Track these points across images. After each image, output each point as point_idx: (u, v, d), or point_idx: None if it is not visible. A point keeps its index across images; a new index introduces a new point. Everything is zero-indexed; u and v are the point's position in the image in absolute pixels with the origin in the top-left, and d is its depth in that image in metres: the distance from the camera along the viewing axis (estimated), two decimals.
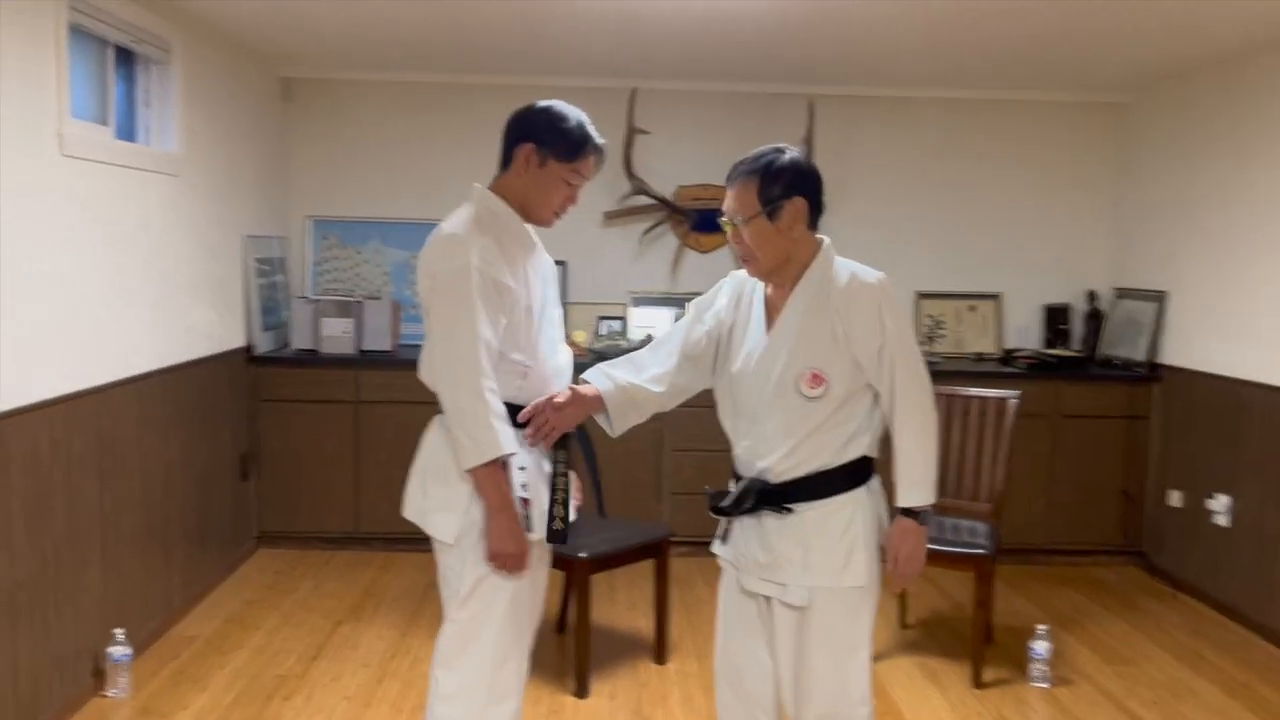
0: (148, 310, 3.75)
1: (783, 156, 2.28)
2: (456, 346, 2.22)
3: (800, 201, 2.26)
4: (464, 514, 2.34)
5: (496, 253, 2.30)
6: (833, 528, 2.32)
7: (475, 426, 2.23)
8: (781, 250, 2.28)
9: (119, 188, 3.54)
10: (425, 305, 2.29)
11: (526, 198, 2.38)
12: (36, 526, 3.03)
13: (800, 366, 2.26)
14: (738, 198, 2.26)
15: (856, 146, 5.45)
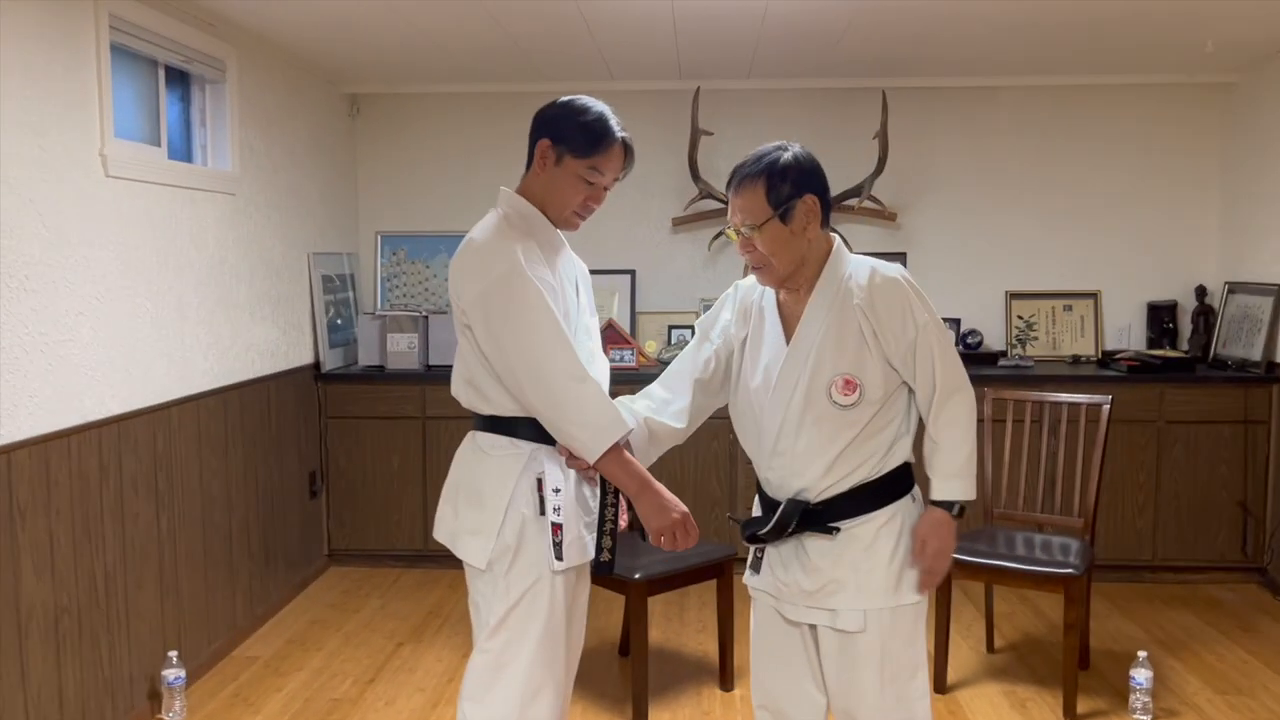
0: (204, 329, 3.74)
1: (785, 154, 2.12)
2: (537, 343, 2.08)
3: (811, 199, 2.10)
4: (496, 537, 2.21)
5: (538, 253, 2.19)
6: (883, 544, 2.16)
7: (587, 413, 2.08)
8: (797, 253, 2.11)
9: (172, 207, 3.53)
10: (474, 320, 2.12)
11: (545, 197, 2.25)
12: (84, 550, 3.01)
13: (830, 373, 2.10)
14: (745, 204, 2.10)
15: (935, 140, 5.18)
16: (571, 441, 2.10)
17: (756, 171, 2.08)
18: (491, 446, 2.26)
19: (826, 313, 2.11)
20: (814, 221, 2.10)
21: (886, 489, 2.17)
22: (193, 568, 3.63)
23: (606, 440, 2.09)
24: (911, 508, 2.22)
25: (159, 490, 3.41)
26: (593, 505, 2.33)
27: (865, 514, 2.15)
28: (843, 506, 2.15)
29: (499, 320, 2.09)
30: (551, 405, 2.09)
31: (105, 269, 3.14)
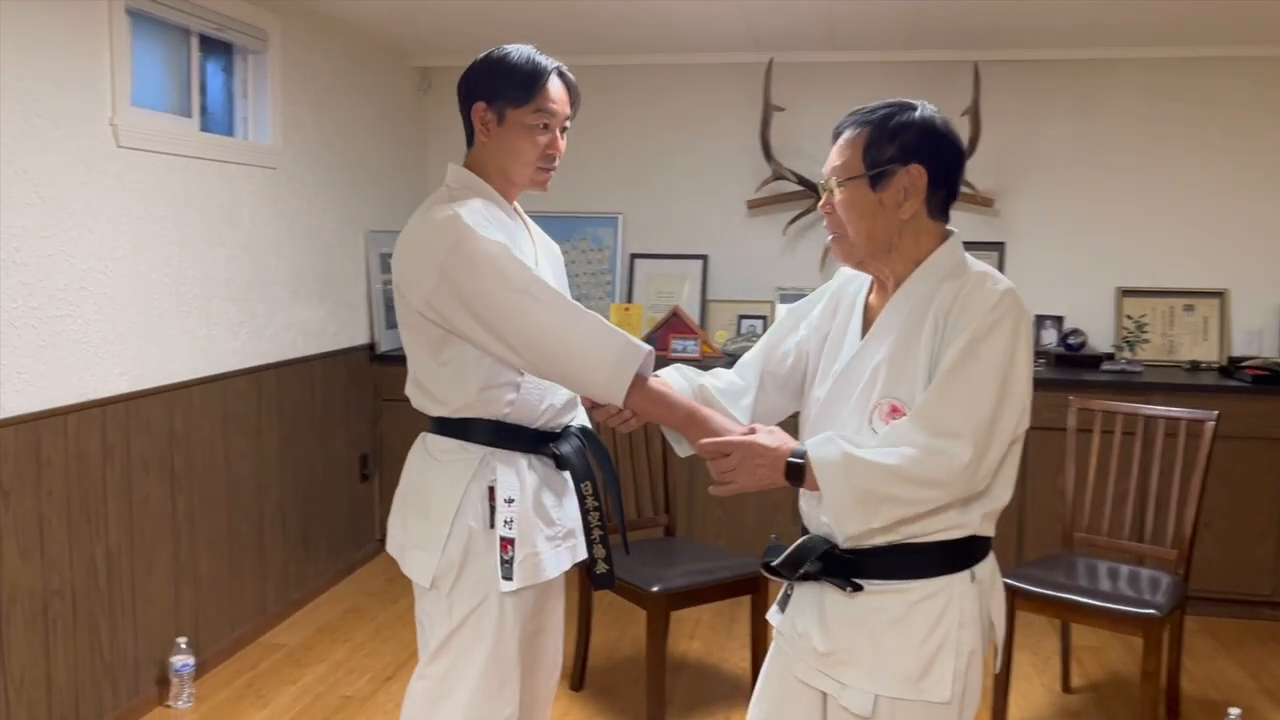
0: (234, 306, 3.63)
1: (910, 112, 1.70)
2: (514, 294, 1.81)
3: (918, 171, 1.67)
4: (440, 553, 1.98)
5: (485, 215, 1.94)
6: (915, 622, 1.69)
7: (594, 349, 1.79)
8: (881, 231, 1.70)
9: (199, 180, 3.43)
10: (445, 310, 1.87)
11: (501, 165, 2.01)
12: (82, 532, 2.93)
13: (879, 393, 1.69)
14: (839, 152, 1.72)
15: (1038, 119, 4.69)
16: (589, 388, 1.81)
17: (867, 120, 1.70)
18: (441, 451, 2.03)
19: (904, 319, 1.69)
20: (914, 198, 1.67)
21: (937, 557, 1.69)
22: (213, 552, 3.54)
23: (626, 372, 1.77)
24: (968, 590, 1.70)
25: (175, 471, 3.32)
26: (557, 516, 2.08)
27: (901, 580, 1.71)
28: (875, 562, 1.72)
29: (470, 293, 1.83)
30: (552, 356, 1.81)
31: (114, 243, 3.04)
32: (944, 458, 1.58)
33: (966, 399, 1.60)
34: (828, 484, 1.62)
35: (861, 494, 1.60)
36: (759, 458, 1.67)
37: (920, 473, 1.59)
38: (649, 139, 4.96)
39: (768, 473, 1.67)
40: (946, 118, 1.75)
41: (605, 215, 5.06)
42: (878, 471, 1.60)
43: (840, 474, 1.61)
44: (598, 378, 1.78)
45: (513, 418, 2.02)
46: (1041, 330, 4.72)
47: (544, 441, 2.07)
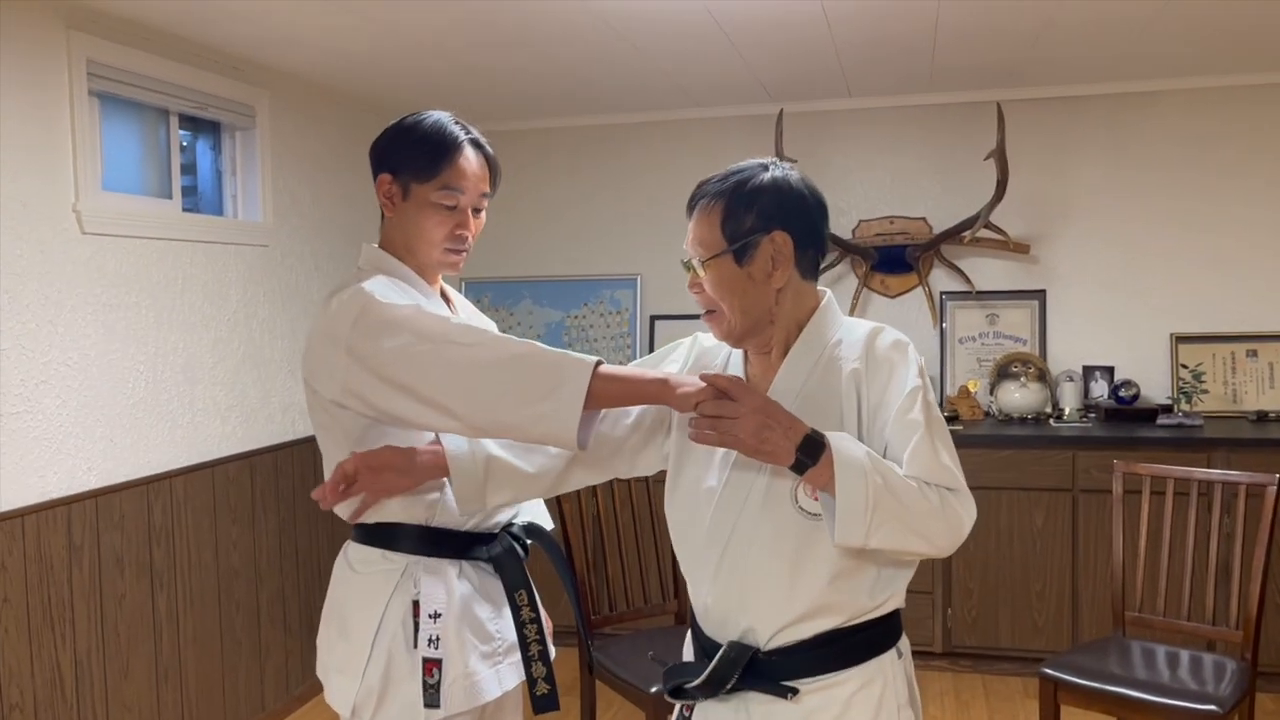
0: (223, 390, 3.50)
1: (763, 174, 1.58)
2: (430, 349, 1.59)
3: (782, 238, 1.54)
4: (360, 678, 1.77)
5: (393, 287, 1.75)
6: (858, 716, 1.56)
7: (538, 372, 1.56)
8: (757, 305, 1.56)
9: (178, 262, 3.32)
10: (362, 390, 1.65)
11: (407, 242, 1.84)
12: (44, 639, 2.77)
13: None
14: (698, 230, 1.60)
15: (1072, 158, 4.40)
16: (544, 426, 1.55)
17: (719, 190, 1.58)
18: (360, 561, 1.83)
19: (803, 383, 1.57)
20: (782, 267, 1.55)
21: (866, 641, 1.59)
22: (202, 649, 3.37)
23: (576, 393, 1.53)
24: (896, 666, 1.62)
25: (155, 567, 3.17)
26: (496, 629, 1.85)
27: (833, 673, 1.56)
28: (803, 660, 1.56)
29: (384, 362, 1.61)
30: (493, 399, 1.56)
31: (80, 332, 2.92)
32: (959, 513, 1.50)
33: (950, 456, 1.53)
34: (846, 478, 1.44)
35: (875, 502, 1.44)
36: (773, 417, 1.47)
37: (937, 513, 1.48)
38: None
39: (776, 438, 1.46)
40: (800, 173, 1.62)
41: (623, 277, 4.88)
42: (902, 488, 1.47)
43: (860, 472, 1.45)
44: (550, 409, 1.54)
45: (438, 520, 1.81)
46: (1091, 382, 4.39)
47: (477, 545, 1.85)
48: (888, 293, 4.61)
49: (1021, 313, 4.49)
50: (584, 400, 1.53)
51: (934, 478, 1.49)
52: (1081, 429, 4.00)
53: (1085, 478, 3.86)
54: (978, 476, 3.94)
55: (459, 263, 1.84)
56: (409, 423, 1.65)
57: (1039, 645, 3.91)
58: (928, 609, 4.03)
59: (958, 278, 4.48)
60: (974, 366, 4.53)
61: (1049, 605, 3.92)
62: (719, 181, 1.60)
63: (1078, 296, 4.44)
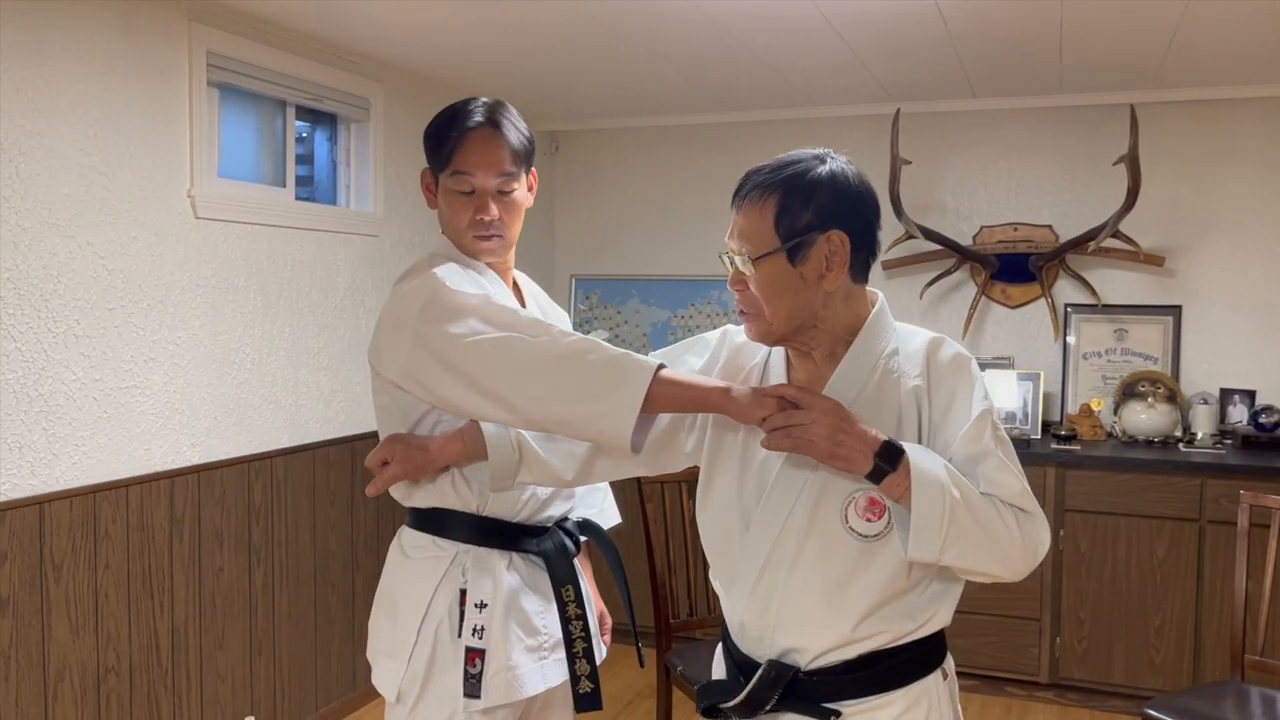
0: (326, 375, 3.59)
1: (821, 167, 1.47)
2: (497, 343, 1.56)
3: (839, 238, 1.45)
4: (406, 663, 1.78)
5: (462, 275, 1.76)
6: None
7: (590, 373, 1.50)
8: (804, 307, 1.47)
9: (292, 249, 3.42)
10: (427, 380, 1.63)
11: (447, 232, 1.86)
12: (144, 606, 2.89)
13: (849, 486, 1.45)
14: (746, 224, 1.47)
15: (1210, 166, 4.11)
16: (600, 425, 1.50)
17: (771, 182, 1.46)
18: (413, 547, 1.84)
19: (857, 393, 1.48)
20: (838, 269, 1.45)
21: (910, 661, 1.50)
22: (296, 626, 3.46)
23: (635, 395, 1.47)
24: (941, 688, 1.53)
25: (253, 543, 3.27)
26: (543, 624, 1.83)
27: (877, 695, 1.48)
28: (846, 681, 1.49)
29: (447, 348, 1.58)
30: (549, 396, 1.52)
31: (189, 313, 3.04)
32: (1035, 536, 1.44)
33: (1023, 480, 1.46)
34: (923, 488, 1.38)
35: (952, 516, 1.38)
36: (847, 423, 1.42)
37: (1013, 534, 1.42)
38: None
39: (852, 442, 1.40)
40: (856, 168, 1.52)
41: None
42: (980, 505, 1.40)
43: (939, 485, 1.38)
44: (604, 406, 1.48)
45: (490, 510, 1.79)
46: (1229, 406, 4.09)
47: (527, 537, 1.83)
48: (1009, 302, 4.41)
49: (1153, 329, 4.22)
50: (642, 402, 1.48)
51: (1011, 499, 1.43)
52: (1214, 456, 3.73)
53: (1215, 508, 3.60)
54: (1094, 500, 3.73)
55: (495, 249, 1.82)
56: (464, 410, 1.63)
57: (1155, 684, 3.67)
58: (1033, 636, 3.82)
59: (1084, 290, 4.24)
60: (1098, 384, 4.28)
61: (1168, 642, 3.66)
62: (771, 172, 1.48)
63: (1218, 315, 4.15)
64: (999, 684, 3.90)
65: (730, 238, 1.51)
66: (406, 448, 1.78)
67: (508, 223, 1.82)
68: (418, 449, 1.77)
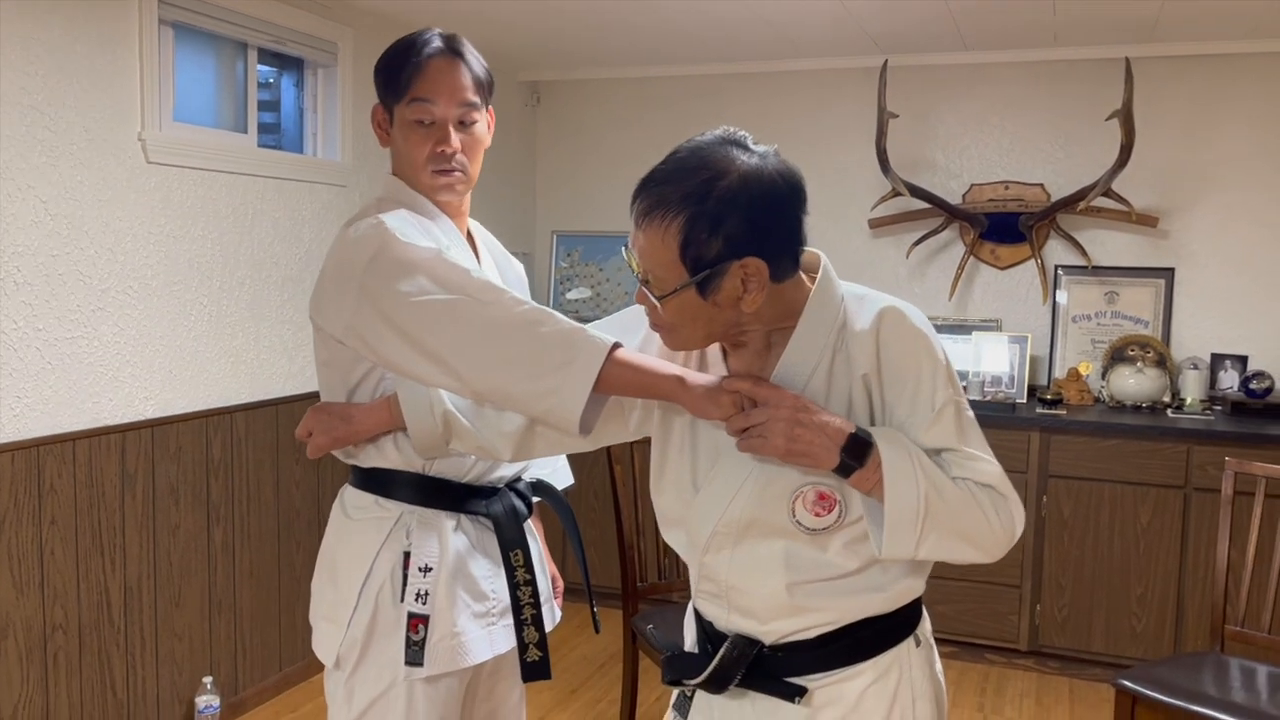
0: (290, 329, 3.48)
1: (729, 173, 1.27)
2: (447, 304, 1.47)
3: (755, 266, 1.28)
4: (345, 628, 1.68)
5: (415, 224, 1.65)
6: (869, 713, 1.40)
7: (542, 346, 1.41)
8: (724, 325, 1.35)
9: (254, 198, 3.30)
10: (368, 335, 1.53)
11: (402, 171, 1.74)
12: (94, 563, 2.80)
13: (797, 481, 1.34)
14: (647, 246, 1.29)
15: (1207, 124, 3.98)
16: (548, 403, 1.40)
17: (672, 201, 1.26)
18: (355, 507, 1.74)
19: (805, 382, 1.35)
20: (756, 291, 1.29)
21: (879, 633, 1.42)
22: (258, 584, 3.38)
23: (587, 374, 1.38)
24: (914, 656, 1.44)
25: (211, 500, 3.18)
26: (491, 589, 1.74)
27: (843, 668, 1.40)
28: (811, 656, 1.41)
29: (394, 306, 1.49)
30: (497, 367, 1.42)
31: (141, 262, 2.92)
32: (1009, 515, 1.34)
33: (992, 460, 1.37)
34: (896, 484, 1.28)
35: (926, 509, 1.29)
36: (808, 414, 1.29)
37: (988, 518, 1.33)
38: None
39: (814, 440, 1.29)
40: (772, 151, 1.31)
41: None
42: (952, 492, 1.31)
43: (911, 478, 1.29)
44: (553, 382, 1.39)
45: (437, 470, 1.70)
46: (1220, 372, 4.00)
47: (476, 498, 1.74)
48: (998, 263, 4.29)
49: (1144, 292, 4.11)
50: (594, 382, 1.38)
51: (986, 482, 1.34)
52: (1203, 422, 3.64)
53: (1201, 475, 3.51)
54: (1078, 466, 3.64)
55: (453, 185, 1.71)
56: (405, 372, 1.53)
57: (1136, 653, 3.60)
58: (1013, 603, 3.75)
59: (1074, 251, 4.13)
60: (1087, 348, 4.18)
61: (1149, 611, 3.59)
62: (674, 183, 1.28)
63: (1210, 278, 4.04)
64: (978, 651, 3.84)
65: (632, 246, 1.34)
66: (329, 418, 1.69)
67: (469, 158, 1.71)
68: (340, 419, 1.68)
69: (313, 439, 1.69)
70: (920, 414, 1.34)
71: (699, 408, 1.36)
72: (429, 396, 1.61)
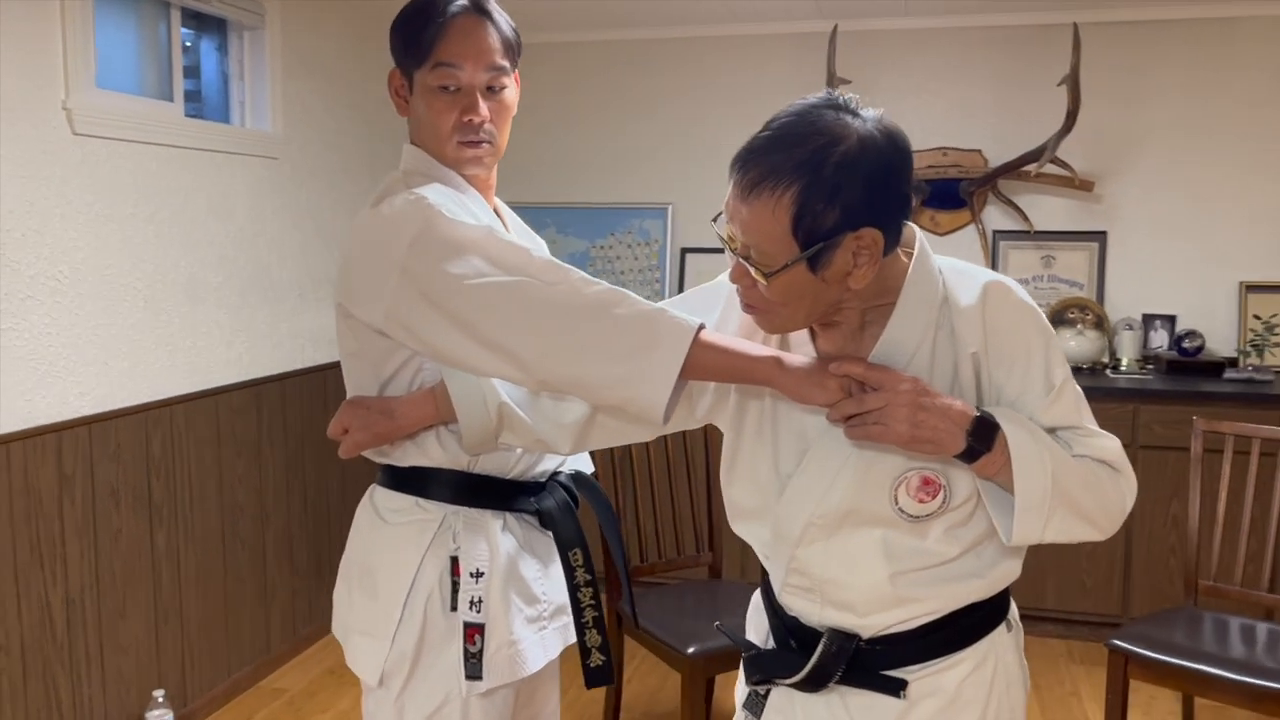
0: (228, 313, 3.24)
1: (846, 137, 1.17)
2: (506, 288, 1.34)
3: (872, 237, 1.20)
4: (390, 642, 1.54)
5: (455, 200, 1.51)
6: (967, 704, 1.34)
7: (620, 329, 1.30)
8: (826, 303, 1.26)
9: (185, 172, 3.04)
10: (411, 321, 1.40)
11: (424, 143, 1.59)
12: (32, 576, 2.55)
13: (901, 465, 1.27)
14: (753, 221, 1.19)
15: (1146, 89, 4.07)
16: (628, 390, 1.29)
17: (786, 169, 1.16)
18: (391, 510, 1.59)
19: (908, 361, 1.27)
20: (867, 266, 1.22)
21: (984, 614, 1.36)
22: (204, 589, 3.16)
23: (673, 357, 1.27)
24: (1006, 641, 1.39)
25: (154, 501, 2.94)
26: (542, 590, 1.62)
27: (941, 658, 1.34)
28: (911, 648, 1.35)
29: (445, 290, 1.36)
30: (571, 354, 1.31)
31: (70, 244, 2.66)
32: (1126, 491, 1.32)
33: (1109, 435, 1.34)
34: (1024, 466, 1.23)
35: (1052, 490, 1.24)
36: (928, 399, 1.22)
37: (1108, 496, 1.30)
38: (701, 121, 4.47)
39: (938, 425, 1.22)
40: (883, 119, 1.23)
41: (653, 206, 4.58)
42: (1075, 470, 1.26)
43: (1038, 459, 1.24)
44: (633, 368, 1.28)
45: (481, 466, 1.57)
46: (1151, 332, 4.12)
47: (522, 495, 1.61)
48: (937, 229, 4.32)
49: (1080, 255, 4.20)
50: (681, 367, 1.27)
51: (1106, 458, 1.31)
52: (1141, 381, 3.74)
53: (1147, 433, 3.62)
54: None
55: (481, 157, 1.58)
56: (457, 362, 1.40)
57: (1086, 607, 3.70)
58: None
59: (1014, 215, 4.19)
60: None
61: (1099, 566, 3.69)
62: (784, 150, 1.17)
63: (1141, 240, 4.15)
64: None
65: (731, 220, 1.24)
66: (367, 413, 1.54)
67: (498, 127, 1.57)
68: (380, 414, 1.53)
69: (350, 436, 1.54)
70: (1034, 391, 1.29)
71: (801, 392, 1.27)
72: (481, 388, 1.48)
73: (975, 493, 1.30)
